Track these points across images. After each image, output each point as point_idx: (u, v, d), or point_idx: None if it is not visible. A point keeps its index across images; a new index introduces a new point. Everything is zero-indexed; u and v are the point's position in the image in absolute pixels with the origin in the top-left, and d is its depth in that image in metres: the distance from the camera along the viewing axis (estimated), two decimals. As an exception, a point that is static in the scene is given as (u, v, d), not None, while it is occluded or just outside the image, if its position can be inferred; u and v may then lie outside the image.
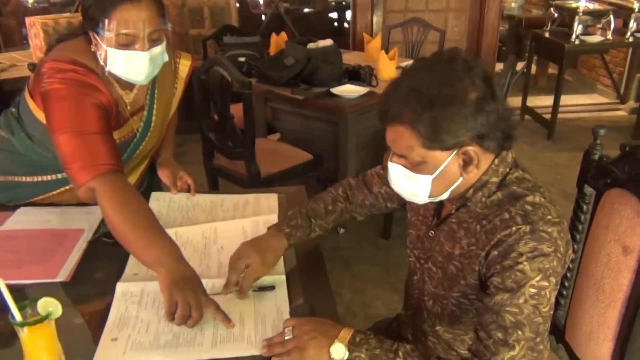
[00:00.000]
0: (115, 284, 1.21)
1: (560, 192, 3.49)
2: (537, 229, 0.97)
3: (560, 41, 4.17)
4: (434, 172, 1.03)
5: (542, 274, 0.96)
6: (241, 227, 1.43)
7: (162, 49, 1.38)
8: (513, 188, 1.04)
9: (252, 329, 1.07)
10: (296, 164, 2.76)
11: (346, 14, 6.72)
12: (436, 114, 0.96)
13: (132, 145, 1.53)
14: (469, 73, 0.98)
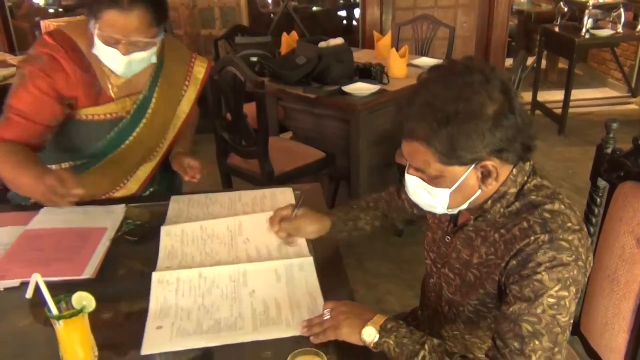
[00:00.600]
0: (138, 280, 1.25)
1: (572, 186, 3.49)
2: (556, 238, 0.96)
3: (571, 35, 4.16)
4: (451, 186, 1.02)
5: (562, 284, 0.95)
6: (264, 220, 1.46)
7: (148, 54, 1.42)
8: (531, 197, 1.03)
9: (288, 312, 1.13)
10: (309, 161, 2.79)
11: (355, 11, 6.74)
12: (453, 131, 0.95)
13: (121, 126, 1.54)
14: (486, 86, 0.96)
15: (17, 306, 1.18)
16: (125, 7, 1.31)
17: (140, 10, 1.32)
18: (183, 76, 1.62)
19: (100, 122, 1.53)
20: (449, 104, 0.95)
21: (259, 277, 1.24)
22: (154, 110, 1.57)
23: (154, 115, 1.58)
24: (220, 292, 1.20)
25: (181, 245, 1.37)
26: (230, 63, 2.49)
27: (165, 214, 1.53)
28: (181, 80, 1.61)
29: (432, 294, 1.26)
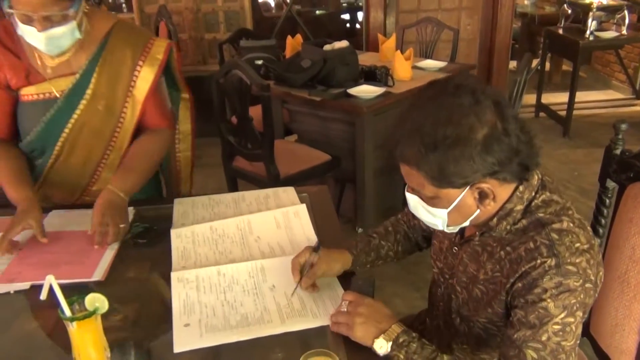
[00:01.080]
0: (148, 283, 1.25)
1: (577, 188, 3.49)
2: (563, 263, 0.94)
3: (575, 38, 4.16)
4: (448, 207, 1.01)
5: (567, 311, 0.94)
6: (273, 218, 1.49)
7: (68, 29, 1.39)
8: (539, 215, 1.01)
9: (312, 304, 1.15)
10: (314, 164, 2.79)
11: (358, 14, 6.75)
12: (440, 157, 0.92)
13: (56, 107, 1.52)
14: (476, 108, 0.93)
15: (26, 309, 1.19)
16: None
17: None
18: (133, 56, 1.56)
19: (35, 102, 1.52)
20: (437, 128, 0.92)
21: (276, 272, 1.26)
22: (94, 92, 1.53)
23: (95, 96, 1.53)
24: (241, 288, 1.21)
25: (193, 246, 1.38)
26: (236, 66, 2.50)
27: (172, 216, 1.53)
28: (130, 60, 1.56)
29: (440, 303, 1.24)
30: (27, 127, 1.55)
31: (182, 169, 1.90)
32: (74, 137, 1.55)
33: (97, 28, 1.52)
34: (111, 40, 1.53)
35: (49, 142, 1.55)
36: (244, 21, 4.30)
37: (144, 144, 1.61)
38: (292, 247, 1.37)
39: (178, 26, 4.08)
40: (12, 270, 1.29)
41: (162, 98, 1.70)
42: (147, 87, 1.58)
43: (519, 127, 0.96)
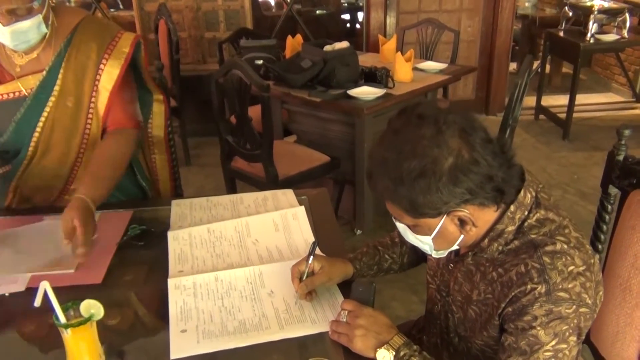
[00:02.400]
0: (145, 286, 1.24)
1: (577, 191, 3.48)
2: (554, 289, 0.92)
3: (575, 40, 4.15)
4: (430, 234, 1.00)
5: (559, 338, 0.93)
6: (271, 220, 1.48)
7: (34, 22, 1.37)
8: (532, 236, 0.98)
9: (311, 310, 1.15)
10: (313, 165, 2.78)
11: (358, 15, 6.74)
12: (408, 191, 0.92)
13: (26, 105, 1.49)
14: (438, 138, 0.91)
15: (22, 312, 1.18)
16: None
17: None
18: (99, 50, 1.53)
19: (6, 102, 1.50)
20: (402, 162, 0.91)
21: (275, 277, 1.24)
22: (62, 88, 1.50)
23: (63, 93, 1.50)
24: (239, 294, 1.19)
25: (191, 249, 1.37)
26: (236, 66, 2.48)
27: (169, 218, 1.52)
28: (95, 54, 1.52)
29: (437, 321, 1.23)
30: (0, 128, 1.54)
31: (158, 172, 1.86)
32: (47, 135, 1.53)
33: (64, 23, 1.50)
34: (77, 35, 1.51)
35: (23, 143, 1.53)
36: (244, 20, 4.29)
37: (110, 148, 1.56)
38: (290, 250, 1.36)
39: (178, 24, 4.06)
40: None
41: (129, 97, 1.65)
42: (112, 81, 1.54)
43: (492, 151, 0.93)
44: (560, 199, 3.40)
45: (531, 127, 4.63)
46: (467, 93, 4.82)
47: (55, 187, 1.61)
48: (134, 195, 1.76)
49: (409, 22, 4.19)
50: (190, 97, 4.01)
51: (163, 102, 1.78)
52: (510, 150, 0.97)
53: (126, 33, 1.58)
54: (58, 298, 0.92)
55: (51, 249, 1.36)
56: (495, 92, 4.80)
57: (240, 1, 4.26)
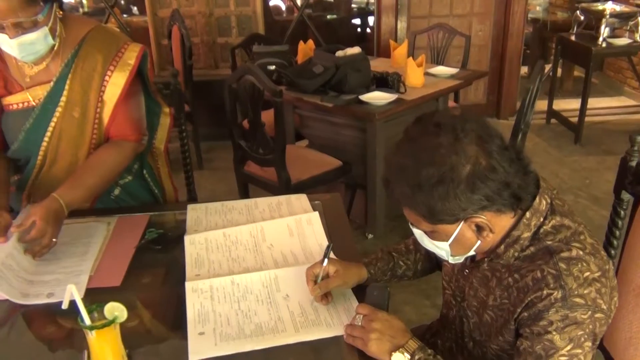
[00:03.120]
0: (163, 289, 1.26)
1: (589, 196, 3.46)
2: (570, 295, 0.93)
3: (587, 44, 4.14)
4: (447, 240, 1.02)
5: (574, 343, 0.94)
6: (286, 226, 1.50)
7: (40, 34, 1.39)
8: (547, 242, 0.99)
9: (326, 314, 1.16)
10: (325, 170, 2.80)
11: (369, 19, 6.76)
12: (426, 198, 0.94)
13: (34, 115, 1.53)
14: (456, 146, 0.92)
15: (44, 315, 1.21)
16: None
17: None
18: (104, 61, 1.54)
19: (16, 112, 1.54)
20: (420, 169, 0.93)
21: (290, 282, 1.26)
22: (69, 99, 1.52)
23: (70, 103, 1.53)
24: (255, 298, 1.21)
25: (207, 253, 1.39)
26: (249, 72, 2.51)
27: (185, 222, 1.54)
28: (100, 66, 1.54)
29: (452, 326, 1.24)
30: (11, 137, 1.58)
31: (163, 181, 1.88)
32: (54, 145, 1.56)
33: (73, 34, 1.53)
34: (84, 46, 1.53)
35: (32, 151, 1.57)
36: (256, 25, 4.33)
37: (100, 157, 1.58)
38: (304, 255, 1.38)
39: (191, 30, 4.10)
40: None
41: (135, 109, 1.67)
42: (117, 93, 1.55)
43: (509, 158, 0.95)
44: (573, 204, 3.39)
45: (543, 131, 4.62)
46: (479, 97, 4.82)
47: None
48: (145, 200, 1.79)
49: (419, 27, 4.21)
50: (203, 102, 4.05)
51: (169, 115, 1.80)
52: (525, 157, 0.99)
53: (132, 44, 1.60)
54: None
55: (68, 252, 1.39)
56: (506, 96, 4.79)
57: (252, 7, 4.30)
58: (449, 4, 4.51)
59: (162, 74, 4.32)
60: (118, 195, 1.70)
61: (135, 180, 1.74)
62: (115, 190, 1.69)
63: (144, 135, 1.70)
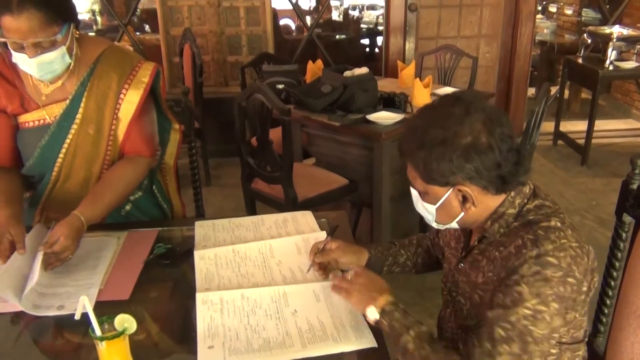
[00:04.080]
0: (169, 302, 1.29)
1: (596, 218, 3.47)
2: (544, 254, 1.02)
3: (594, 67, 4.18)
4: (435, 203, 1.13)
5: (540, 299, 1.00)
6: (294, 244, 1.53)
7: (58, 54, 1.44)
8: (530, 217, 1.10)
9: (333, 330, 1.18)
10: (332, 188, 2.82)
11: (377, 39, 6.84)
12: (426, 154, 1.06)
13: (50, 132, 1.57)
14: (465, 118, 1.05)
15: (53, 326, 1.24)
16: (15, 11, 1.34)
17: (29, 12, 1.35)
18: (119, 79, 1.59)
19: (32, 129, 1.58)
20: (429, 130, 1.06)
21: (298, 298, 1.29)
22: (84, 116, 1.57)
23: (85, 121, 1.57)
24: (263, 313, 1.24)
25: (216, 269, 1.42)
26: (258, 91, 2.56)
27: (193, 237, 1.57)
28: (116, 84, 1.59)
29: (449, 324, 1.29)
30: (26, 154, 1.61)
31: (171, 196, 1.92)
32: (69, 161, 1.60)
33: (88, 53, 1.58)
34: (99, 65, 1.58)
35: (47, 168, 1.60)
36: (266, 44, 4.40)
37: (117, 173, 1.62)
38: (313, 273, 1.40)
39: (202, 48, 4.18)
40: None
41: (149, 125, 1.71)
42: (132, 110, 1.61)
43: (509, 147, 1.06)
44: (579, 225, 3.36)
45: (550, 152, 4.63)
46: (485, 118, 4.84)
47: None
48: (154, 215, 1.82)
49: (427, 48, 4.26)
50: (212, 119, 4.11)
51: (179, 132, 1.84)
52: (526, 152, 1.10)
53: (146, 63, 1.65)
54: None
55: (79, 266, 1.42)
56: (513, 117, 4.82)
57: (262, 26, 4.38)
58: (456, 25, 4.57)
59: (173, 91, 4.39)
60: (129, 210, 1.74)
61: (144, 195, 1.78)
62: (127, 206, 1.73)
63: (157, 151, 1.75)
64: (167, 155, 1.86)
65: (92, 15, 7.93)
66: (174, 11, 4.32)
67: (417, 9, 4.49)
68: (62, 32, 1.43)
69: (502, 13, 4.57)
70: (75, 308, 1.01)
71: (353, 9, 9.34)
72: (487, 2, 4.54)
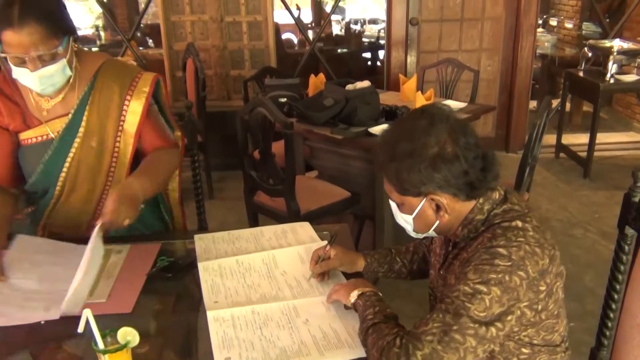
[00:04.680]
0: (172, 316, 1.30)
1: (598, 231, 3.46)
2: (495, 246, 1.08)
3: (595, 80, 4.19)
4: (411, 214, 1.19)
5: (482, 279, 1.05)
6: (297, 254, 1.54)
7: (59, 66, 1.46)
8: (496, 221, 1.14)
9: (347, 336, 1.20)
10: (334, 201, 2.83)
11: (379, 53, 6.89)
12: (396, 166, 1.11)
13: (53, 147, 1.58)
14: (431, 129, 1.10)
15: (57, 338, 1.23)
16: (16, 25, 1.35)
17: (30, 26, 1.36)
18: (121, 91, 1.61)
19: (34, 145, 1.59)
20: (398, 143, 1.12)
21: (308, 309, 1.30)
22: (87, 129, 1.58)
23: (88, 134, 1.59)
24: (275, 324, 1.24)
25: (222, 280, 1.42)
26: (261, 104, 2.57)
27: (194, 250, 1.57)
28: (117, 96, 1.60)
29: None
30: (29, 170, 1.62)
31: (172, 207, 1.92)
32: (73, 175, 1.60)
33: (87, 67, 1.60)
34: (99, 78, 1.60)
35: (50, 183, 1.61)
36: (269, 59, 4.43)
37: (156, 157, 1.65)
38: (317, 282, 1.41)
39: (205, 63, 4.21)
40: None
41: (159, 123, 1.73)
42: (137, 120, 1.62)
43: (474, 155, 1.11)
44: (582, 238, 3.39)
45: (552, 165, 4.64)
46: (487, 130, 4.86)
47: (82, 223, 1.67)
48: (156, 228, 1.83)
49: (429, 62, 4.28)
50: (215, 133, 4.13)
51: (180, 139, 1.85)
52: (492, 160, 1.15)
53: (146, 73, 1.67)
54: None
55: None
56: (515, 130, 4.84)
57: (265, 40, 4.41)
58: (458, 39, 4.60)
59: (176, 105, 4.41)
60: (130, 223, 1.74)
61: (148, 208, 1.79)
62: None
63: (176, 143, 1.76)
64: None
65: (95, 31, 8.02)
66: (177, 26, 4.36)
67: (419, 23, 4.52)
68: (63, 44, 1.45)
69: (503, 27, 4.60)
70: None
71: (355, 23, 9.42)
72: (488, 16, 4.57)
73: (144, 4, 6.47)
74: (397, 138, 1.13)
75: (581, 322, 2.45)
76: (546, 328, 1.17)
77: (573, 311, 2.65)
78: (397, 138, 1.13)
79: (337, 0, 5.13)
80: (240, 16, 4.35)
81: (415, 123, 1.13)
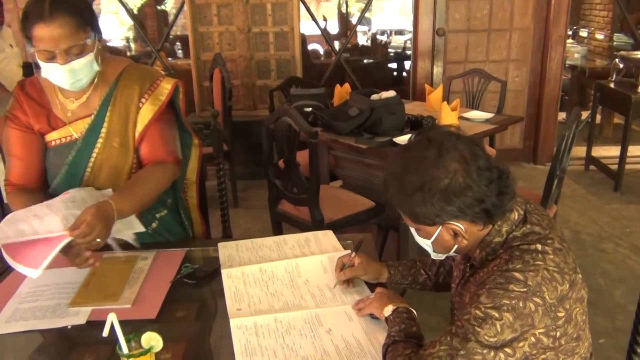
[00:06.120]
0: (195, 322, 1.31)
1: (630, 246, 3.37)
2: (511, 269, 1.04)
3: (627, 92, 4.10)
4: (429, 239, 1.16)
5: (494, 304, 1.01)
6: (320, 263, 1.54)
7: (88, 60, 1.49)
8: (515, 244, 1.10)
9: (370, 346, 1.19)
10: (358, 210, 2.82)
11: (405, 64, 6.88)
12: (407, 200, 1.08)
13: (76, 147, 1.61)
14: (439, 160, 1.06)
15: (83, 343, 1.26)
16: (47, 18, 1.40)
17: (61, 19, 1.41)
18: (140, 92, 1.64)
19: (59, 147, 1.63)
20: (406, 176, 1.07)
21: (331, 318, 1.29)
22: (109, 130, 1.62)
23: (110, 134, 1.62)
24: (298, 332, 1.24)
25: (245, 287, 1.42)
26: (286, 114, 2.59)
27: (218, 258, 1.58)
28: (136, 97, 1.63)
29: None
30: (53, 172, 1.66)
31: (191, 214, 1.93)
32: (95, 175, 1.64)
33: (110, 70, 1.64)
34: (122, 81, 1.64)
35: (74, 183, 1.63)
36: (295, 69, 4.46)
37: (147, 173, 1.64)
38: (340, 290, 1.40)
39: (231, 73, 4.26)
40: (69, 304, 1.36)
41: (170, 134, 1.73)
42: (143, 124, 1.64)
43: (488, 180, 1.06)
44: (612, 253, 3.30)
45: (581, 177, 4.54)
46: (515, 142, 4.80)
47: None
48: (179, 233, 1.84)
49: (455, 72, 4.26)
50: (241, 142, 4.16)
51: (198, 147, 1.87)
52: (508, 181, 1.09)
53: (167, 78, 1.70)
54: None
55: (113, 283, 1.45)
56: (543, 142, 4.76)
57: (291, 51, 4.45)
58: (485, 50, 4.57)
59: (203, 114, 4.47)
60: (155, 228, 1.76)
61: (169, 214, 1.81)
62: (153, 223, 1.75)
63: (180, 159, 1.76)
64: (189, 171, 1.89)
65: (126, 42, 8.20)
66: (204, 37, 4.43)
67: (445, 34, 4.50)
68: (92, 36, 1.50)
69: (532, 38, 4.55)
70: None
71: (381, 34, 9.44)
72: (516, 26, 4.53)
73: (173, 15, 6.60)
74: (404, 170, 1.09)
75: (611, 339, 2.39)
76: (566, 351, 1.12)
77: (603, 327, 2.59)
78: (405, 170, 1.08)
79: (363, 12, 5.15)
80: (267, 27, 4.40)
81: (423, 154, 1.08)
